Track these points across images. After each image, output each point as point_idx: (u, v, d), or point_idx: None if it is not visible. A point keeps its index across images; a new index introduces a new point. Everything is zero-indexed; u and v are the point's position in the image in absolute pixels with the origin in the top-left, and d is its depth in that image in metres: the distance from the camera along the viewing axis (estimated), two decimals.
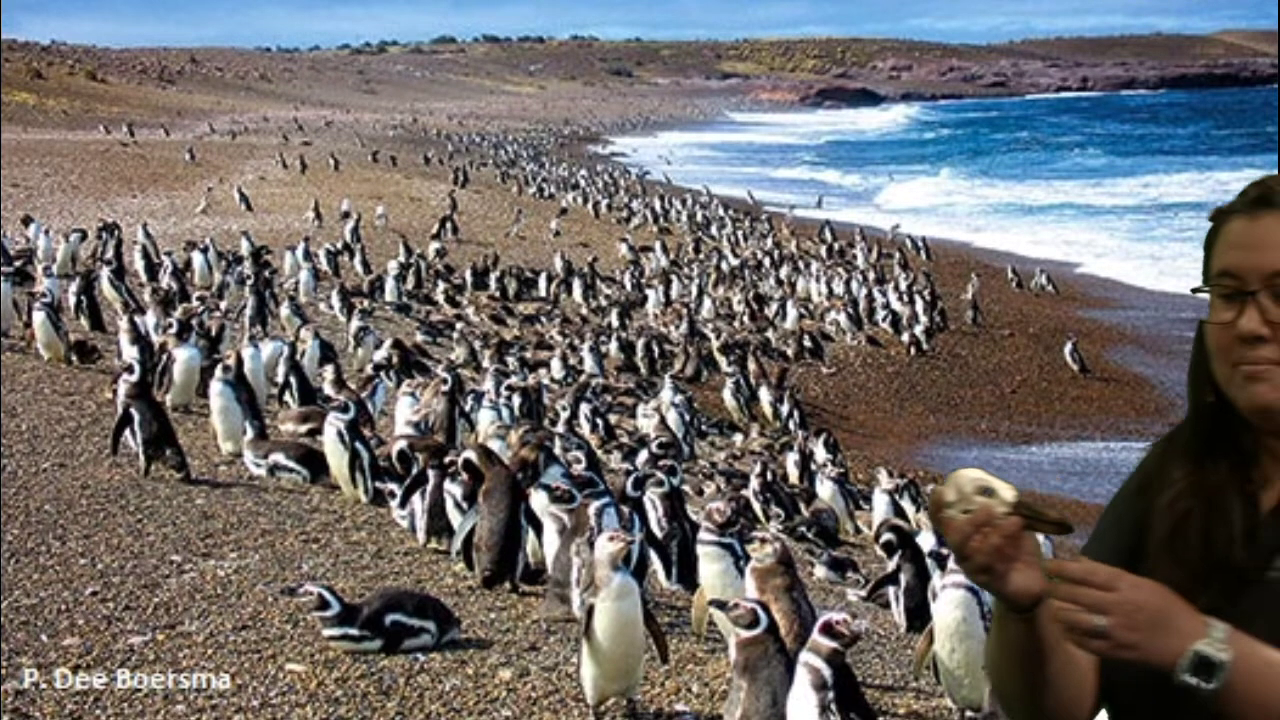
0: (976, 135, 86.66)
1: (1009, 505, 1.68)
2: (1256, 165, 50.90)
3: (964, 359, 19.40)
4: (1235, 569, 1.72)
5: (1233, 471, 1.81)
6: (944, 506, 1.71)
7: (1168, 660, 1.55)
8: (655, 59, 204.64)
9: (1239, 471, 1.81)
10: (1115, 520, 1.92)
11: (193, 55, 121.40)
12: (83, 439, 9.12)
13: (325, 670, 5.40)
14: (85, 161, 34.16)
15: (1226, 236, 1.81)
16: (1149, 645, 1.55)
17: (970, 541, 1.68)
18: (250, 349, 10.99)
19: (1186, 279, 11.89)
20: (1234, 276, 1.78)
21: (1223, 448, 1.82)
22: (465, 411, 10.29)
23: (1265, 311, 1.74)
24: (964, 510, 1.70)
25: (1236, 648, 1.55)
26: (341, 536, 7.48)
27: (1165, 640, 1.55)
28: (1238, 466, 1.81)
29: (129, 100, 70.39)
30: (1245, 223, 1.80)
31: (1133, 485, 1.93)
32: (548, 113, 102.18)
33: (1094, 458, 14.42)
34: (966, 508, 1.70)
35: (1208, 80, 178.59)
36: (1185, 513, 1.79)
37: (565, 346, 16.00)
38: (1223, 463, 1.82)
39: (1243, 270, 1.77)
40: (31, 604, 5.95)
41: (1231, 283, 1.78)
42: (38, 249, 17.70)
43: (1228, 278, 1.79)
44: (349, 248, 22.06)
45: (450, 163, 42.96)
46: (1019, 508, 1.69)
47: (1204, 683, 1.54)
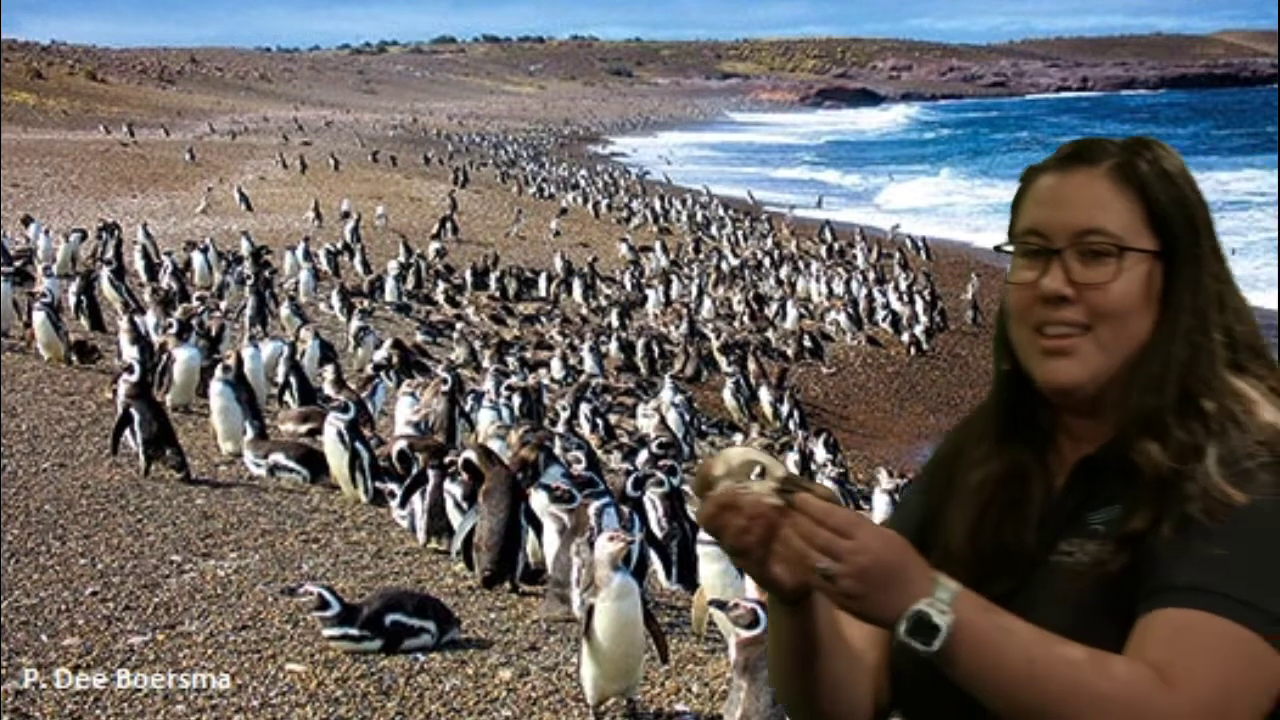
0: (976, 135, 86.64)
1: (778, 482, 1.54)
2: (1256, 165, 50.96)
3: (964, 359, 19.40)
4: (1025, 553, 1.64)
5: (1032, 450, 1.72)
6: (709, 485, 1.56)
7: (889, 617, 1.45)
8: (655, 59, 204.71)
9: (1038, 450, 1.72)
10: (921, 488, 1.83)
11: (193, 55, 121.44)
12: (83, 439, 9.12)
13: (325, 670, 5.40)
14: (85, 161, 34.16)
15: (1035, 193, 1.71)
16: (873, 599, 1.45)
17: (720, 520, 1.53)
18: (250, 349, 10.99)
19: None
20: (1040, 234, 1.68)
21: (1023, 423, 1.72)
22: (465, 411, 10.29)
23: (1070, 271, 1.64)
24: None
25: (963, 612, 1.44)
26: (341, 536, 7.48)
27: (891, 596, 1.45)
28: (1037, 444, 1.72)
29: (129, 100, 70.39)
30: (1056, 179, 1.70)
31: (942, 454, 1.83)
32: (548, 113, 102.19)
33: None
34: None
35: (1208, 80, 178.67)
36: (989, 498, 1.70)
37: (565, 346, 16.00)
38: (1021, 440, 1.72)
39: (1049, 227, 1.67)
40: (31, 604, 5.95)
41: (1037, 240, 1.68)
42: (38, 249, 17.70)
43: (1033, 235, 1.68)
44: (349, 248, 22.06)
45: (450, 163, 42.95)
46: (787, 484, 1.54)
47: (923, 645, 1.43)
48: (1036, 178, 1.73)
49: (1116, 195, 1.66)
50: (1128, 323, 1.64)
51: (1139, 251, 1.64)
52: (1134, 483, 1.60)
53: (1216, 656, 1.46)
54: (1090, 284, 1.64)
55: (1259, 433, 1.59)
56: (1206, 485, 1.55)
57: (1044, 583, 1.61)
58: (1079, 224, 1.65)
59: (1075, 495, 1.66)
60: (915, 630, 1.44)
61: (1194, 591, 1.49)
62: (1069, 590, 1.59)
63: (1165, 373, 1.63)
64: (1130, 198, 1.66)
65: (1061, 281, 1.64)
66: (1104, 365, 1.64)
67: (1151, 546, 1.54)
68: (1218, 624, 1.47)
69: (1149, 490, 1.57)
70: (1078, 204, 1.67)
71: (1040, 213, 1.69)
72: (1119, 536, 1.57)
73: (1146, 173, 1.68)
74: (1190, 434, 1.59)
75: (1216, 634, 1.46)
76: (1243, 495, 1.53)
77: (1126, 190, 1.67)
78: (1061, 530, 1.64)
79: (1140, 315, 1.64)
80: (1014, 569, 1.61)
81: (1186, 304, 1.65)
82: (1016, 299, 1.70)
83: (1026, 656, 1.44)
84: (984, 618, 1.46)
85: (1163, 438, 1.60)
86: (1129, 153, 1.70)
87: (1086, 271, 1.64)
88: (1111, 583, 1.56)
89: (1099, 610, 1.55)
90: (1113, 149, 1.71)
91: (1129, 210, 1.66)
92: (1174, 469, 1.57)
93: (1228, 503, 1.53)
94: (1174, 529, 1.54)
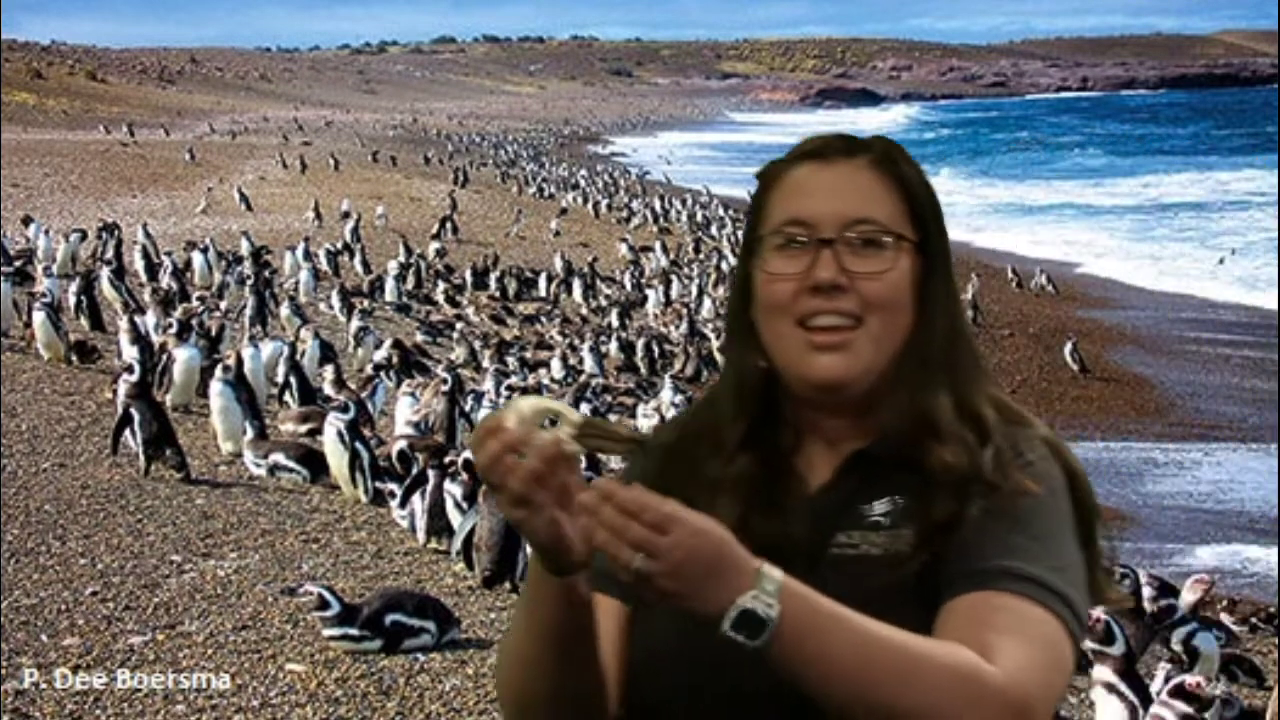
0: (976, 135, 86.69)
1: (575, 428, 1.43)
2: (1256, 165, 50.95)
3: None
4: (800, 550, 1.59)
5: (782, 444, 1.67)
6: (492, 435, 1.44)
7: (711, 612, 1.38)
8: (655, 59, 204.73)
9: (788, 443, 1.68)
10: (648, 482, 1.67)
11: (193, 55, 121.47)
12: (83, 439, 9.12)
13: (325, 670, 5.40)
14: (85, 161, 34.17)
15: (793, 183, 1.66)
16: (694, 596, 1.38)
17: (506, 462, 1.43)
18: (250, 349, 10.98)
19: (1186, 279, 12.06)
20: (805, 224, 1.62)
21: (770, 417, 1.68)
22: (465, 411, 10.29)
23: (842, 260, 1.61)
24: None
25: (789, 602, 1.39)
26: (341, 536, 7.48)
27: (711, 591, 1.38)
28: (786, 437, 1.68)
29: (129, 100, 70.40)
30: (818, 168, 1.67)
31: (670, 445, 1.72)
32: (548, 113, 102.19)
33: (1094, 458, 14.39)
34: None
35: (1208, 80, 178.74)
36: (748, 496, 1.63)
37: (565, 346, 15.99)
38: (771, 434, 1.68)
39: (817, 217, 1.62)
40: (31, 604, 5.95)
41: (803, 230, 1.62)
42: (38, 249, 17.70)
43: (796, 225, 1.63)
44: (349, 248, 22.06)
45: (450, 163, 42.95)
46: (585, 429, 1.44)
47: (749, 639, 1.38)
48: (787, 171, 1.68)
49: (882, 187, 1.65)
50: (897, 315, 1.63)
51: (907, 242, 1.63)
52: (914, 476, 1.60)
53: (1033, 637, 1.50)
54: (865, 273, 1.61)
55: (1028, 426, 1.65)
56: (1001, 479, 1.57)
57: (830, 577, 1.55)
58: (850, 213, 1.62)
59: (846, 488, 1.64)
60: (740, 625, 1.38)
61: (1006, 575, 1.52)
62: (860, 582, 1.56)
63: (933, 369, 1.63)
64: (893, 190, 1.65)
65: (836, 270, 1.60)
66: (875, 359, 1.62)
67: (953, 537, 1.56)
68: (1029, 608, 1.51)
69: (942, 487, 1.57)
70: (847, 194, 1.64)
71: (805, 203, 1.64)
72: (921, 531, 1.56)
73: (904, 167, 1.68)
74: (973, 432, 1.61)
75: (1031, 617, 1.51)
76: (1037, 486, 1.58)
77: (890, 183, 1.65)
78: (837, 523, 1.61)
79: (907, 309, 1.63)
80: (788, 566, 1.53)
81: (941, 300, 1.65)
82: (777, 291, 1.63)
83: (855, 643, 1.41)
84: (809, 606, 1.41)
85: (946, 437, 1.60)
86: (884, 147, 1.69)
87: (860, 261, 1.61)
88: (908, 574, 1.55)
89: (895, 600, 1.53)
90: (868, 143, 1.70)
91: (893, 202, 1.65)
92: (966, 466, 1.58)
93: (1025, 494, 1.57)
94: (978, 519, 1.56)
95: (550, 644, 1.55)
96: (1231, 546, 11.36)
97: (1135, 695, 5.16)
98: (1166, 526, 11.96)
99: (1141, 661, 6.06)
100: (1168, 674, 5.51)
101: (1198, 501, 12.76)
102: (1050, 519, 1.59)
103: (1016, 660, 1.46)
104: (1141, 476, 13.50)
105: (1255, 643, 8.18)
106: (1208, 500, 12.79)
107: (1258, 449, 14.54)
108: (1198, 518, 12.26)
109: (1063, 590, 1.54)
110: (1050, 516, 1.59)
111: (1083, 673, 5.85)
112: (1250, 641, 8.19)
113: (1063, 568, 1.56)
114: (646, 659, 1.63)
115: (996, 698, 1.42)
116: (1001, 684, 1.43)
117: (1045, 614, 1.51)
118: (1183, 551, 11.16)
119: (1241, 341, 20.58)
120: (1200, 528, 11.94)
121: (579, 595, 1.52)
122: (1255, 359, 19.16)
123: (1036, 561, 1.54)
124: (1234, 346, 20.25)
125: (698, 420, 1.74)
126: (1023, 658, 1.47)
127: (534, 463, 1.42)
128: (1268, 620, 8.38)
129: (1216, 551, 11.20)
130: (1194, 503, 12.71)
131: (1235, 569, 10.65)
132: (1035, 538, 1.56)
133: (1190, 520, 12.16)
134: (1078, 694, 6.21)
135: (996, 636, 1.47)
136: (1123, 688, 5.18)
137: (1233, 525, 12.05)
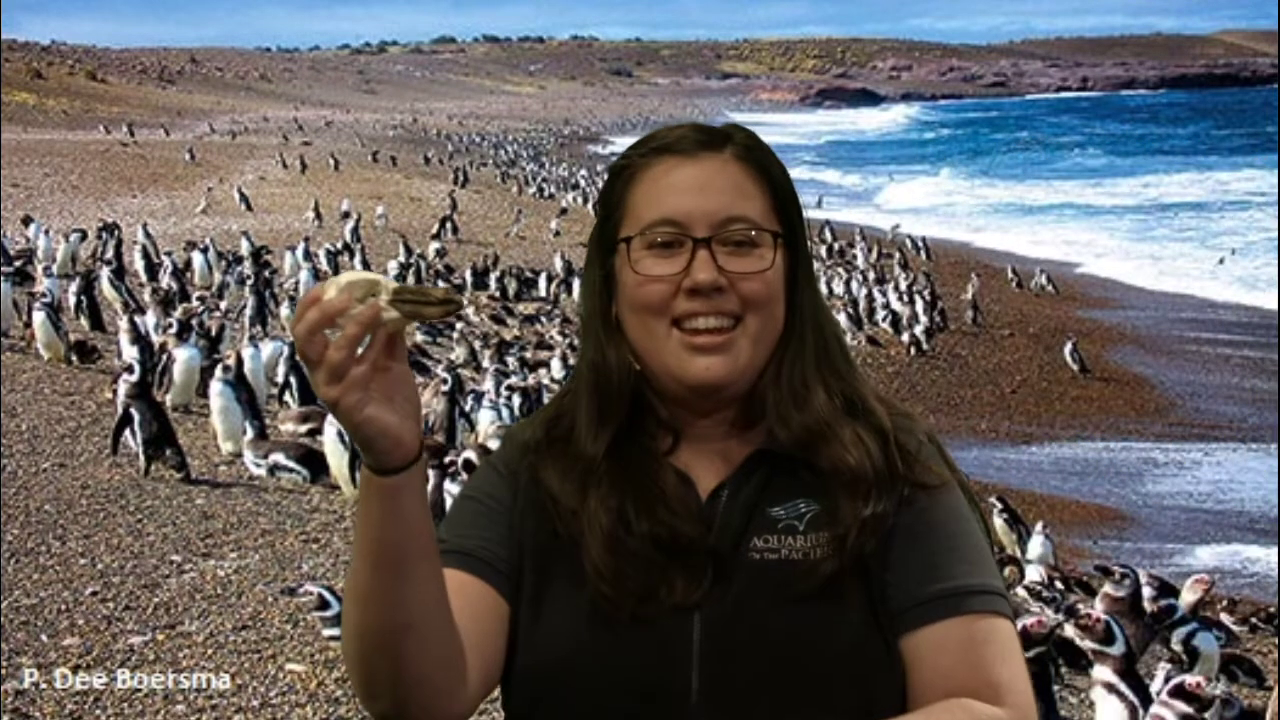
0: (976, 135, 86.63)
1: (392, 294, 1.37)
2: (1256, 165, 50.95)
3: (964, 359, 19.39)
4: (698, 550, 1.54)
5: (654, 449, 1.61)
6: (312, 304, 1.37)
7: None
8: (655, 59, 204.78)
9: (665, 448, 1.61)
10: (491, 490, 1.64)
11: (193, 55, 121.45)
12: (83, 439, 9.11)
13: (325, 670, 5.40)
14: (85, 161, 34.16)
15: (656, 179, 1.59)
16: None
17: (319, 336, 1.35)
18: (250, 349, 10.98)
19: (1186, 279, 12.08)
20: (677, 224, 1.56)
21: (639, 421, 1.61)
22: (465, 411, 10.29)
23: (718, 259, 1.55)
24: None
25: None
26: (341, 536, 7.48)
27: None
28: (660, 443, 1.61)
29: (129, 100, 70.39)
30: (679, 163, 1.59)
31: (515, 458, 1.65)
32: (548, 113, 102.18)
33: (1094, 458, 14.40)
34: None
35: (1208, 80, 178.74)
36: (621, 504, 1.56)
37: (565, 346, 15.99)
38: (642, 438, 1.61)
39: (690, 217, 1.56)
40: (31, 604, 5.95)
41: (675, 230, 1.56)
42: (38, 249, 17.70)
43: (668, 225, 1.56)
44: (349, 248, 22.07)
45: (450, 163, 42.95)
46: (400, 293, 1.37)
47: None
48: (646, 166, 1.61)
49: (750, 181, 1.60)
50: (774, 312, 1.59)
51: (776, 237, 1.59)
52: (818, 477, 1.57)
53: (1016, 656, 1.54)
54: (744, 273, 1.56)
55: (912, 420, 1.63)
56: (917, 472, 1.57)
57: (750, 582, 1.53)
58: (722, 211, 1.57)
59: (749, 489, 1.58)
60: None
61: (973, 594, 1.53)
62: (788, 588, 1.52)
63: (810, 364, 1.60)
64: (759, 183, 1.60)
65: (714, 272, 1.55)
66: (754, 358, 1.58)
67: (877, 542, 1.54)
68: (1001, 625, 1.53)
69: (849, 487, 1.55)
70: (718, 191, 1.58)
71: (674, 201, 1.57)
72: (839, 535, 1.54)
73: (767, 158, 1.62)
74: (869, 429, 1.59)
75: (1006, 635, 1.53)
76: (939, 482, 1.57)
77: (756, 176, 1.60)
78: (746, 527, 1.56)
79: (780, 304, 1.60)
80: (691, 574, 1.52)
81: (808, 293, 1.63)
82: (651, 292, 1.56)
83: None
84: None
85: (842, 435, 1.57)
86: (745, 139, 1.63)
87: (736, 260, 1.57)
88: (835, 574, 1.53)
89: (819, 604, 1.52)
90: (728, 134, 1.63)
91: (761, 197, 1.60)
92: (869, 465, 1.56)
93: (939, 491, 1.57)
94: (904, 526, 1.55)
95: (384, 566, 1.43)
96: (1231, 546, 11.36)
97: (1135, 695, 5.15)
98: (1166, 526, 11.96)
99: (1141, 661, 6.06)
100: (1168, 674, 5.51)
101: (1198, 501, 12.76)
102: (967, 519, 1.59)
103: (1017, 689, 1.51)
104: (1141, 476, 13.51)
105: (1255, 643, 8.18)
106: (1208, 500, 12.80)
107: (1258, 449, 14.54)
108: (1198, 518, 12.26)
109: (1005, 592, 1.57)
110: (966, 517, 1.59)
111: (1083, 673, 5.85)
112: (1250, 641, 8.20)
113: (993, 568, 1.58)
114: (548, 663, 1.55)
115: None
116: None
117: (1008, 624, 1.55)
118: (1183, 551, 11.17)
119: (1241, 341, 20.58)
120: (1200, 528, 11.94)
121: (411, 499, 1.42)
122: (1255, 359, 19.16)
123: (984, 571, 1.55)
124: (1234, 346, 20.26)
125: (564, 420, 1.66)
126: (1019, 684, 1.51)
127: (351, 328, 1.35)
128: (1268, 620, 8.38)
129: (1216, 551, 11.21)
130: (1194, 503, 12.72)
131: (1235, 569, 10.65)
132: (969, 544, 1.56)
133: (1190, 520, 12.16)
134: (1078, 694, 6.21)
135: (998, 671, 1.50)
136: (1123, 688, 5.17)
137: (1233, 525, 12.05)
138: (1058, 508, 11.99)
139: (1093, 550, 10.88)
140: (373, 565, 1.43)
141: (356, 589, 1.46)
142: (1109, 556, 9.73)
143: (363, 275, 1.40)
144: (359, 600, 1.46)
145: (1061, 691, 6.07)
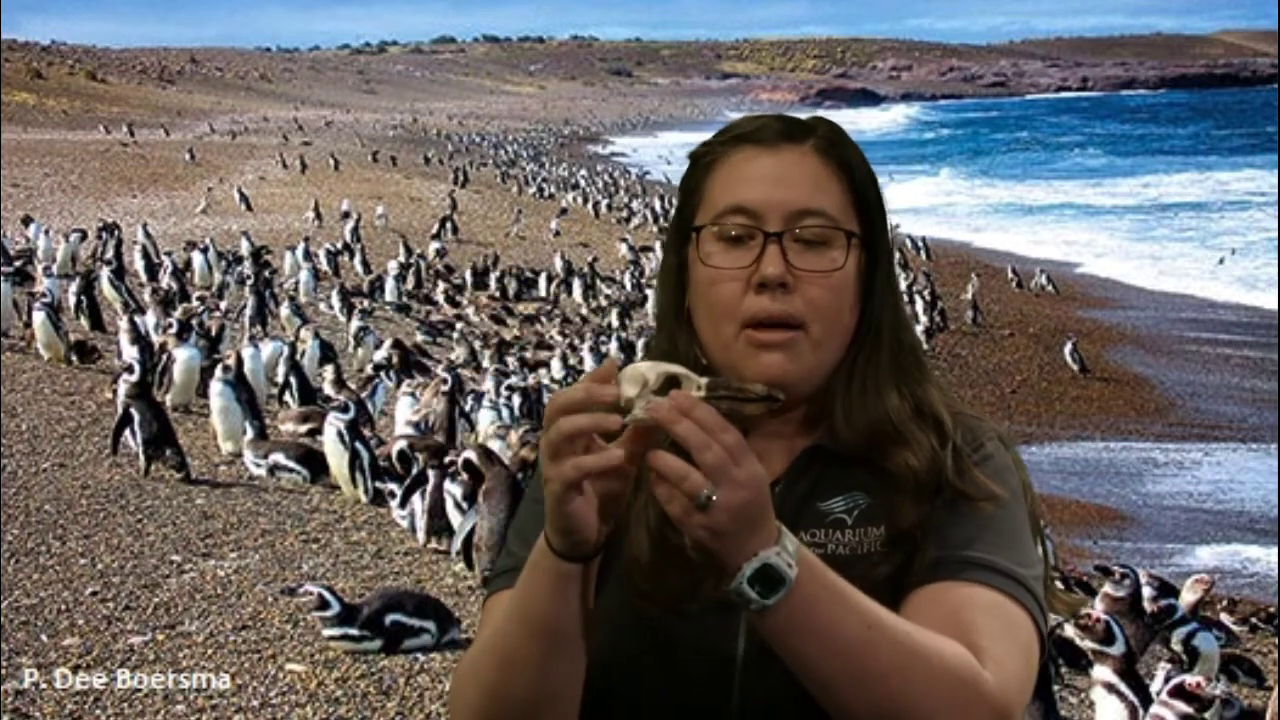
0: (976, 135, 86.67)
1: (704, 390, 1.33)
2: (1256, 165, 50.98)
3: (964, 359, 19.40)
4: None
5: None
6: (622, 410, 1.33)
7: (735, 562, 1.30)
8: (655, 59, 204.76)
9: None
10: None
11: (193, 55, 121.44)
12: (83, 439, 9.12)
13: (325, 670, 5.40)
14: (85, 161, 34.17)
15: (733, 168, 1.55)
16: (734, 540, 1.29)
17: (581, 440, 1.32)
18: (250, 349, 10.98)
19: (1186, 279, 12.10)
20: (750, 214, 1.52)
21: None
22: (465, 411, 10.28)
23: (788, 254, 1.51)
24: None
25: (805, 567, 1.32)
26: (341, 536, 7.48)
27: (747, 539, 1.30)
28: None
29: (129, 100, 70.38)
30: (758, 153, 1.55)
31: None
32: (548, 113, 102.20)
33: (1094, 458, 14.41)
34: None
35: (1208, 80, 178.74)
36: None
37: (565, 346, 15.99)
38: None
39: (764, 208, 1.52)
40: (31, 604, 5.95)
41: (747, 221, 1.52)
42: (38, 249, 17.70)
43: (740, 215, 1.52)
44: (349, 248, 22.07)
45: (450, 163, 42.96)
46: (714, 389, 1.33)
47: (761, 597, 1.30)
48: (725, 155, 1.57)
49: (829, 175, 1.55)
50: (841, 317, 1.55)
51: (850, 237, 1.55)
52: (872, 475, 1.55)
53: (1020, 644, 1.47)
54: (813, 271, 1.53)
55: (981, 422, 1.61)
56: (965, 483, 1.54)
57: None
58: (797, 204, 1.53)
59: (802, 484, 1.57)
60: (757, 579, 1.30)
61: (989, 570, 1.49)
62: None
63: (882, 368, 1.57)
64: (839, 179, 1.56)
65: (783, 266, 1.51)
66: (817, 364, 1.55)
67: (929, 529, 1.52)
68: (1013, 609, 1.49)
69: (906, 489, 1.54)
70: (794, 183, 1.54)
71: (750, 190, 1.53)
72: (891, 533, 1.53)
73: (850, 153, 1.58)
74: (932, 432, 1.57)
75: (1015, 621, 1.48)
76: (1001, 488, 1.54)
77: (836, 170, 1.56)
78: (796, 521, 1.52)
79: (851, 308, 1.56)
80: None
81: (887, 297, 1.58)
82: (724, 292, 1.54)
83: (862, 623, 1.35)
84: (824, 575, 1.35)
85: (907, 438, 1.55)
86: (828, 131, 1.59)
87: (807, 258, 1.53)
88: (879, 575, 1.51)
89: (877, 596, 1.47)
90: (811, 126, 1.59)
91: (840, 192, 1.55)
92: (928, 469, 1.54)
93: (991, 496, 1.53)
94: (948, 508, 1.53)
95: (541, 637, 1.43)
96: (1231, 546, 11.37)
97: (1135, 695, 5.15)
98: (1166, 526, 11.97)
99: (1141, 661, 6.06)
100: (1168, 674, 5.51)
101: (1198, 501, 12.77)
102: (1016, 519, 1.56)
103: (1005, 668, 1.43)
104: (1141, 476, 13.51)
105: (1255, 643, 8.18)
106: (1208, 500, 12.80)
107: (1258, 449, 14.55)
108: (1198, 518, 12.27)
109: (1038, 592, 1.52)
110: (1015, 517, 1.56)
111: (1083, 673, 5.85)
112: (1250, 641, 8.20)
113: (1032, 566, 1.54)
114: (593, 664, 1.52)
115: (987, 705, 1.40)
116: (992, 691, 1.40)
117: (1025, 617, 1.49)
118: (1183, 551, 11.17)
119: (1241, 341, 20.59)
120: (1200, 528, 11.94)
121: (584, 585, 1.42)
122: (1255, 359, 19.17)
123: (1013, 559, 1.51)
124: (1234, 346, 20.26)
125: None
126: (1010, 665, 1.44)
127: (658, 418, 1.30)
128: (1268, 620, 8.39)
129: (1216, 551, 11.22)
130: (1194, 503, 12.72)
131: (1235, 569, 10.66)
132: (1006, 535, 1.53)
133: (1190, 520, 12.17)
134: (1078, 694, 6.21)
135: (989, 641, 1.44)
136: (1123, 688, 5.17)
137: (1233, 525, 12.06)
138: (1058, 508, 11.99)
139: (1093, 550, 10.88)
140: (528, 634, 1.44)
141: (504, 652, 1.46)
142: (1109, 556, 9.73)
143: (664, 367, 1.36)
144: (505, 664, 1.46)
145: (1061, 691, 6.07)
